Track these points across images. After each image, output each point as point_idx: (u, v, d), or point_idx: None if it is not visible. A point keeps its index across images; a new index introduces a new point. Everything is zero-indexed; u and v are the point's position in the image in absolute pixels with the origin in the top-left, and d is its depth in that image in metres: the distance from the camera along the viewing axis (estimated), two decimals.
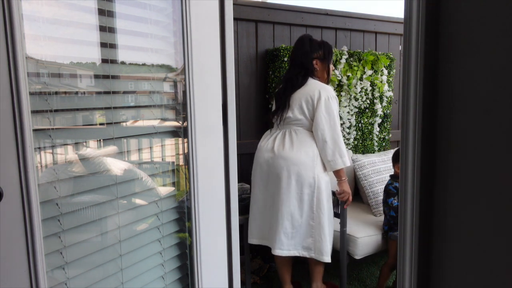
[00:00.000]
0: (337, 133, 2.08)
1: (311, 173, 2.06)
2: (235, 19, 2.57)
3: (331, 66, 2.27)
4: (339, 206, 2.21)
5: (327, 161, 2.09)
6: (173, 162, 1.39)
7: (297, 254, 2.13)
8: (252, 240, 2.25)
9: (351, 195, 2.20)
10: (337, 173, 2.14)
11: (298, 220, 2.09)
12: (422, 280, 0.83)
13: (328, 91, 2.12)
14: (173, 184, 1.39)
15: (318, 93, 2.09)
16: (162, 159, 1.38)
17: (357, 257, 2.28)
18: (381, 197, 2.57)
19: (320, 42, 2.21)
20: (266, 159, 2.14)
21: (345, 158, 2.09)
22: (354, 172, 2.77)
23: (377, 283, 2.42)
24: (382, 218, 2.53)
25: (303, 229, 2.10)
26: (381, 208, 2.56)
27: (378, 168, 2.70)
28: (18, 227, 0.94)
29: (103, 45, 1.16)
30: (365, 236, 2.29)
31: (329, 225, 2.11)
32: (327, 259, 2.08)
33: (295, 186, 2.07)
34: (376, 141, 3.08)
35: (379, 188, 2.61)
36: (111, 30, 1.16)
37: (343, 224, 2.20)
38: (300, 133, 2.14)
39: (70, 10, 1.11)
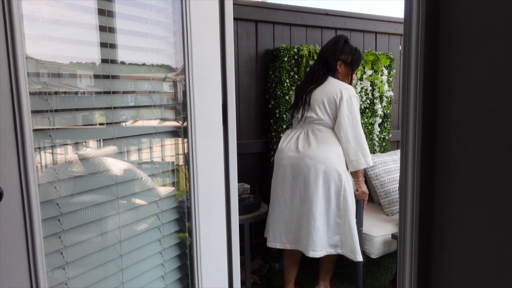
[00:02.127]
0: (359, 133, 2.08)
1: (337, 171, 2.05)
2: (235, 19, 2.57)
3: (354, 76, 2.25)
4: (355, 206, 2.21)
5: (350, 161, 2.09)
6: (173, 162, 1.39)
7: (325, 253, 2.10)
8: (275, 244, 2.20)
9: (368, 195, 2.20)
10: (355, 173, 2.14)
11: (325, 219, 2.08)
12: (422, 280, 0.83)
13: (349, 90, 2.11)
14: (173, 184, 1.39)
15: (340, 92, 2.08)
16: (162, 159, 1.38)
17: (374, 256, 2.27)
18: (393, 197, 2.58)
19: (353, 48, 2.20)
20: (291, 160, 2.12)
21: (368, 158, 2.09)
22: (366, 171, 2.78)
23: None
24: (393, 217, 2.54)
25: (331, 227, 2.09)
26: (393, 208, 2.57)
27: (390, 168, 2.69)
28: (18, 227, 0.94)
29: (103, 45, 1.16)
30: (381, 235, 2.29)
31: (355, 223, 2.11)
32: (360, 257, 2.07)
33: (323, 185, 2.06)
34: (377, 141, 3.08)
35: (391, 188, 2.61)
36: (111, 30, 1.16)
37: (359, 224, 2.20)
38: (324, 131, 2.13)
39: (70, 10, 1.11)
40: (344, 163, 2.10)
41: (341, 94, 2.08)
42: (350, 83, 2.23)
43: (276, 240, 2.19)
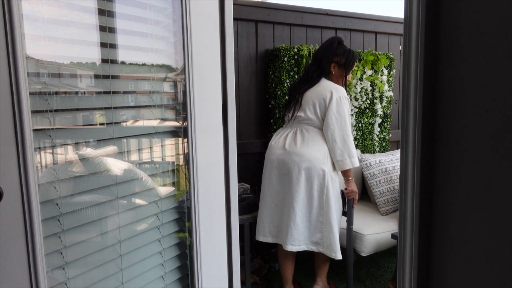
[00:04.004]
0: (346, 134, 2.11)
1: (321, 170, 2.09)
2: (235, 19, 2.57)
3: (349, 77, 2.28)
4: (345, 205, 2.23)
5: (336, 161, 2.13)
6: (173, 162, 1.39)
7: (306, 249, 2.15)
8: (262, 237, 2.25)
9: (357, 194, 2.23)
10: (345, 172, 2.17)
11: (307, 215, 2.12)
12: (422, 280, 0.83)
13: (340, 91, 2.15)
14: (173, 184, 1.39)
15: (330, 93, 2.12)
16: (162, 159, 1.38)
17: (363, 254, 2.29)
18: (388, 197, 2.60)
19: (347, 50, 2.22)
20: (278, 157, 2.17)
21: (354, 159, 2.12)
22: (361, 171, 2.78)
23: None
24: (388, 216, 2.55)
25: (313, 225, 2.13)
26: (388, 208, 2.58)
27: (385, 168, 2.70)
28: (18, 227, 0.94)
29: (103, 45, 1.16)
30: (372, 234, 2.31)
31: (337, 222, 2.14)
32: (339, 256, 2.10)
33: (305, 182, 2.10)
34: (376, 141, 3.08)
35: (386, 188, 2.63)
36: (111, 30, 1.16)
37: (350, 222, 2.22)
38: (311, 131, 2.17)
39: (70, 10, 1.11)
40: (329, 163, 2.13)
41: (331, 95, 2.12)
42: (345, 85, 2.26)
43: (259, 233, 2.26)
